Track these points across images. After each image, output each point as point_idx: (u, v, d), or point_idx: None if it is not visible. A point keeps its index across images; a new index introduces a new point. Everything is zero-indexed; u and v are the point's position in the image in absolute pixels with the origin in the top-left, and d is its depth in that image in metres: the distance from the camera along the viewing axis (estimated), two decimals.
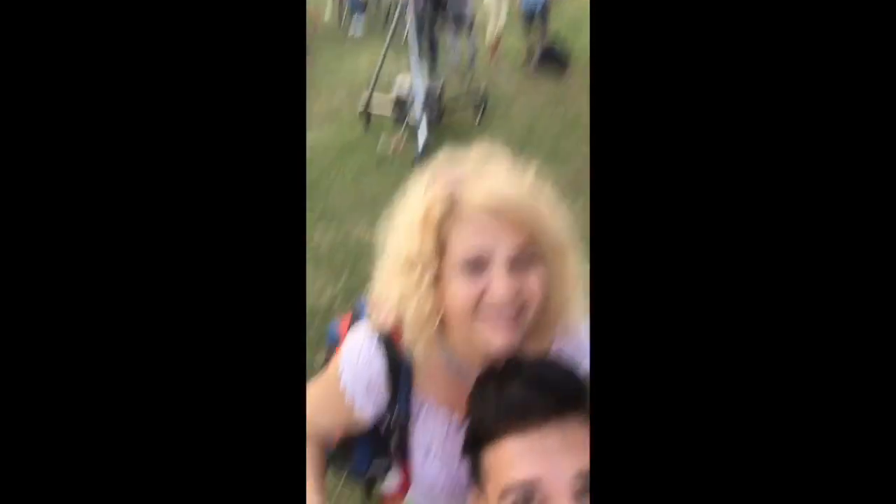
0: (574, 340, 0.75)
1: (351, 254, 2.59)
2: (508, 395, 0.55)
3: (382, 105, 4.21)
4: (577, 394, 0.55)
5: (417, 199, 0.66)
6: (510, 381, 0.56)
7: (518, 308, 0.62)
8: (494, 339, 0.62)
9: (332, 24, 7.13)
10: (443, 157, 0.69)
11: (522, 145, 3.95)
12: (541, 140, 4.06)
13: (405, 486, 0.83)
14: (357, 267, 2.63)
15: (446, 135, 3.89)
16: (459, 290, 0.62)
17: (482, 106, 4.38)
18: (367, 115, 4.24)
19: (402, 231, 0.67)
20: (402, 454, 0.78)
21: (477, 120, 4.34)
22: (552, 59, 5.34)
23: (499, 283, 0.60)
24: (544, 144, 3.97)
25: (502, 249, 0.61)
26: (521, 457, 0.51)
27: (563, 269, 0.66)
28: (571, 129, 4.27)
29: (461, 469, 0.65)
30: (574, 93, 4.90)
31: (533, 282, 0.62)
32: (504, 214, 0.60)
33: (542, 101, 4.78)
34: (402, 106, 4.08)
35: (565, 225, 0.66)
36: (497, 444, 0.53)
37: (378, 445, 0.80)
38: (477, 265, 0.61)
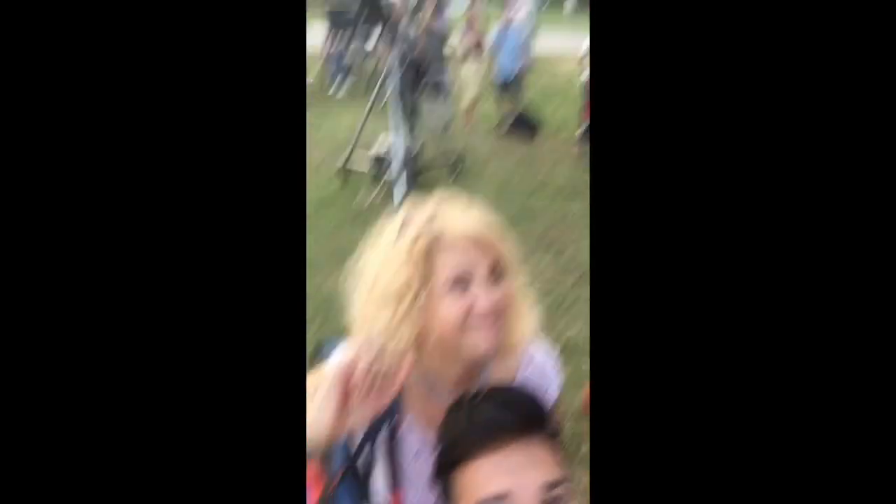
0: (539, 370, 0.88)
1: (322, 305, 2.63)
2: (479, 417, 0.59)
3: (361, 161, 4.39)
4: (542, 415, 0.61)
5: (393, 239, 0.77)
6: (481, 405, 0.61)
7: (497, 315, 0.74)
8: (483, 344, 0.73)
9: (317, 86, 7.48)
10: (409, 203, 0.82)
11: (495, 203, 4.12)
12: (512, 198, 4.25)
13: None
14: (328, 317, 2.66)
15: (423, 192, 4.03)
16: (449, 308, 0.73)
17: (457, 166, 4.60)
18: (345, 172, 4.39)
19: (384, 268, 0.76)
20: (394, 483, 0.82)
21: (452, 179, 4.54)
22: (524, 124, 5.67)
23: (484, 295, 0.73)
24: (515, 202, 4.16)
25: (481, 268, 0.74)
26: (491, 474, 0.55)
27: (518, 286, 0.79)
28: (541, 189, 4.49)
29: (430, 493, 0.70)
30: (544, 155, 5.19)
31: (505, 292, 0.76)
32: (479, 239, 0.74)
33: (514, 162, 5.04)
34: (380, 163, 4.26)
35: (513, 248, 0.80)
36: (468, 465, 0.57)
37: (361, 487, 0.85)
38: (461, 283, 0.73)
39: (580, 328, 2.79)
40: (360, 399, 0.71)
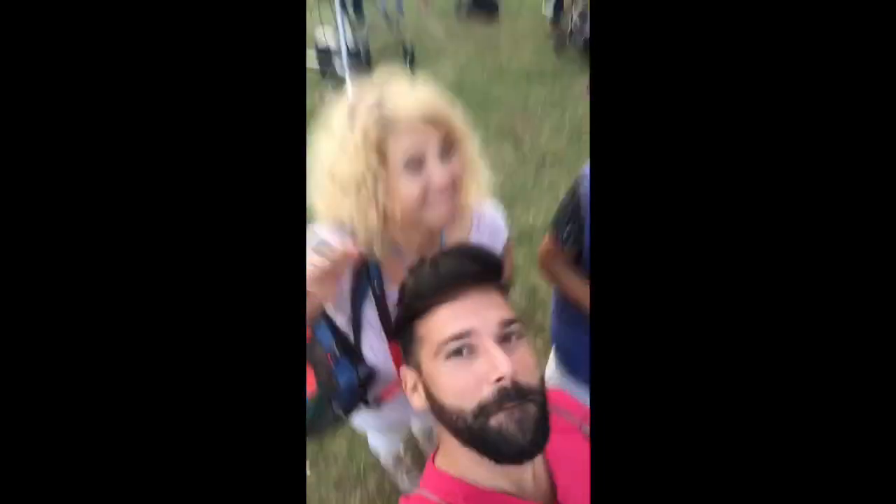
0: (490, 226, 0.96)
1: None
2: (439, 270, 0.63)
3: (308, 58, 4.04)
4: (496, 265, 0.65)
5: (343, 127, 0.78)
6: (440, 260, 0.65)
7: (453, 188, 0.79)
8: (441, 215, 0.79)
9: None
10: (352, 88, 0.82)
11: (454, 94, 3.91)
12: (472, 88, 4.03)
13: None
14: None
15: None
16: (407, 188, 0.77)
17: (410, 56, 4.28)
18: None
19: (340, 157, 0.78)
20: (388, 336, 0.92)
21: (406, 68, 4.24)
22: (483, 4, 5.23)
23: (438, 173, 0.76)
24: (476, 92, 3.95)
25: (432, 145, 0.76)
26: (452, 317, 0.60)
27: (470, 153, 0.83)
28: (502, 76, 4.25)
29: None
30: (504, 39, 4.85)
31: (458, 164, 0.80)
32: (429, 117, 0.75)
33: (473, 48, 4.72)
34: (327, 57, 3.93)
35: (462, 118, 0.81)
36: (430, 315, 0.61)
37: (354, 356, 0.94)
38: (415, 164, 0.76)
39: (537, 214, 2.81)
40: (333, 277, 0.78)
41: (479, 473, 0.60)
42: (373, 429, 1.37)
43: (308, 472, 1.81)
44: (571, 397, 0.75)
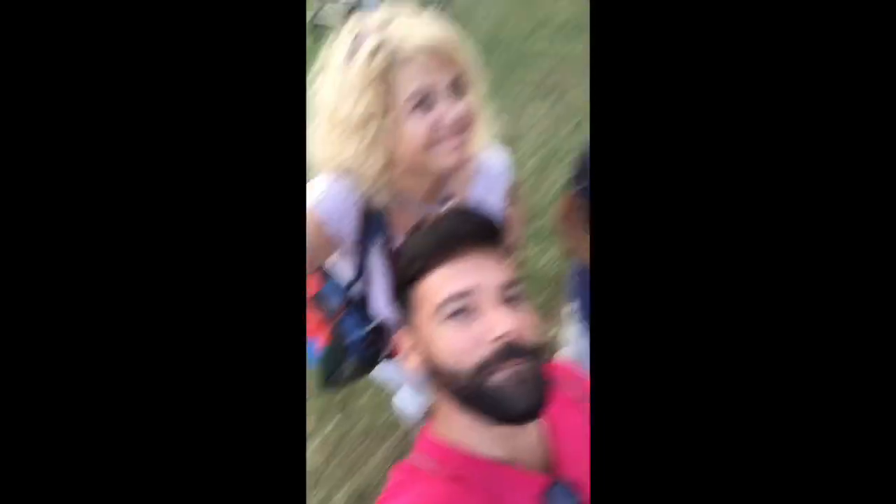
0: (492, 175, 0.90)
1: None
2: (438, 230, 0.61)
3: (333, 16, 3.93)
4: (495, 226, 0.62)
5: (345, 57, 0.72)
6: (439, 221, 0.63)
7: (462, 129, 0.73)
8: (449, 159, 0.73)
9: None
10: (354, 21, 0.75)
11: (488, 49, 3.76)
12: (508, 43, 3.85)
13: None
14: None
15: None
16: (415, 128, 0.71)
17: (444, 7, 4.11)
18: (316, 28, 3.96)
19: (342, 96, 0.72)
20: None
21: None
22: None
23: (450, 108, 0.71)
24: (512, 48, 3.77)
25: (442, 83, 0.71)
26: (451, 277, 0.58)
27: (479, 94, 0.78)
28: (539, 29, 4.05)
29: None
30: None
31: (470, 103, 0.74)
32: (438, 51, 0.70)
33: (509, 2, 4.50)
34: (353, 12, 3.81)
35: (473, 58, 0.76)
36: (429, 276, 0.59)
37: (363, 311, 0.89)
38: (424, 101, 0.70)
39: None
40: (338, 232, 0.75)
41: (475, 440, 0.58)
42: (398, 383, 1.33)
43: (333, 424, 1.81)
44: (575, 371, 0.74)
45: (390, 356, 0.95)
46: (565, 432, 0.64)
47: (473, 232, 0.60)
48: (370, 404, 1.87)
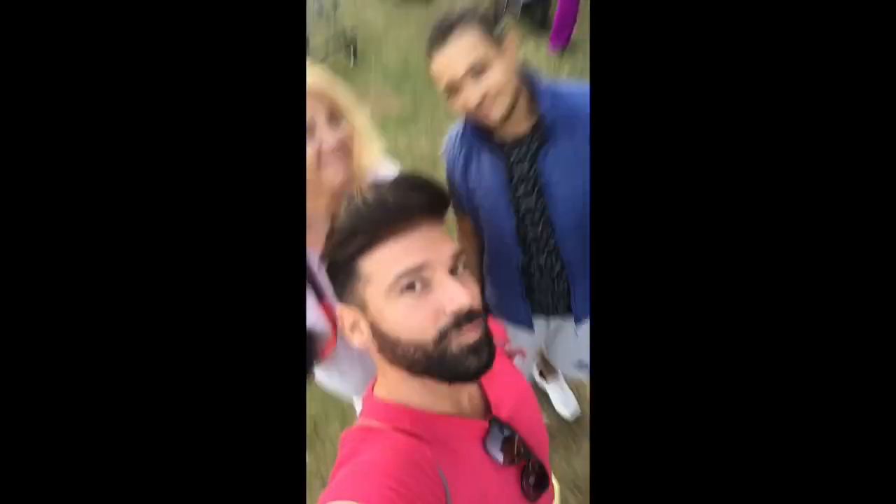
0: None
1: None
2: (386, 202, 0.58)
3: None
4: (445, 197, 0.62)
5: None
6: (386, 192, 0.60)
7: (342, 150, 0.91)
8: (337, 175, 0.90)
9: None
10: None
11: (399, 80, 3.99)
12: (416, 72, 4.10)
13: None
14: None
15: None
16: (304, 152, 0.85)
17: (352, 47, 4.31)
18: None
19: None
20: (319, 297, 1.01)
21: (352, 62, 4.28)
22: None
23: (327, 137, 0.89)
24: (420, 75, 4.02)
25: (319, 116, 0.89)
26: (405, 252, 0.57)
27: (359, 123, 0.97)
28: None
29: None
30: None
31: (345, 131, 0.93)
32: (311, 93, 0.88)
33: (414, 32, 4.76)
34: None
35: (346, 94, 0.95)
36: (376, 251, 0.58)
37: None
38: (308, 131, 0.88)
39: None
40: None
41: (421, 398, 0.62)
42: (337, 383, 1.39)
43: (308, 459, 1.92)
44: (493, 322, 0.82)
45: (317, 361, 1.05)
46: (493, 377, 0.68)
47: (424, 204, 0.60)
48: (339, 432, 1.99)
